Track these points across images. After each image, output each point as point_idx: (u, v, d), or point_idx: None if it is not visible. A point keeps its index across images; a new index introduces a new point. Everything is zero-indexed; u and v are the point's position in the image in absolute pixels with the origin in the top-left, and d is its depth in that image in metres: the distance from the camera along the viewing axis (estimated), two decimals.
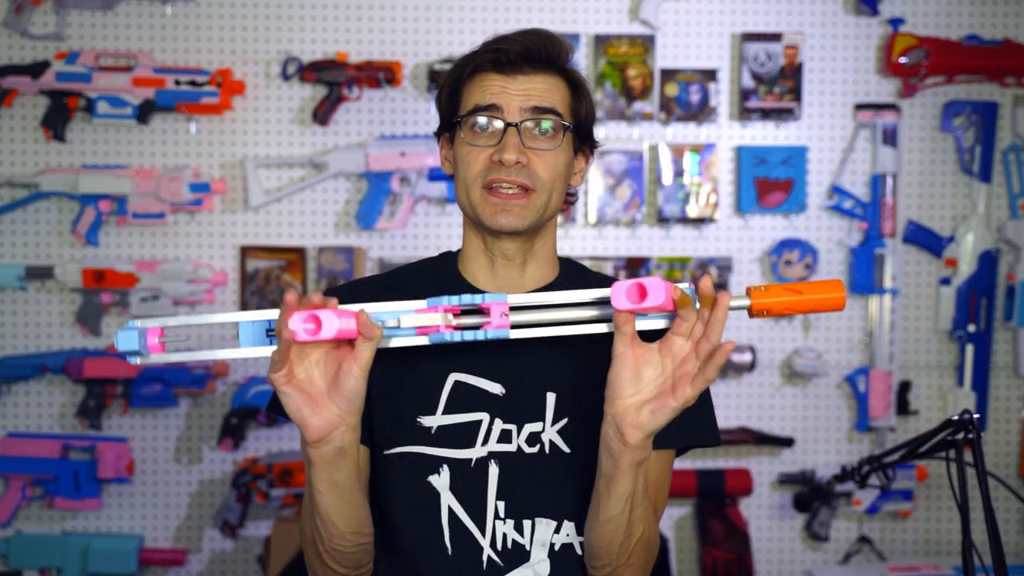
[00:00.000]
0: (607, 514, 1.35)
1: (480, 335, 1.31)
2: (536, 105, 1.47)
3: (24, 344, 3.00)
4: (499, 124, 1.47)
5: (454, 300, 1.32)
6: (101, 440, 2.96)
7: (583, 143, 1.56)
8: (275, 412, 1.55)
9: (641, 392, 1.28)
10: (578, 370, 1.46)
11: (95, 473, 2.94)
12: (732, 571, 2.97)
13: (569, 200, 1.60)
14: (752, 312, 1.29)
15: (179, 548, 3.02)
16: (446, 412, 1.49)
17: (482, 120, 1.48)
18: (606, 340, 1.32)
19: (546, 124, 1.48)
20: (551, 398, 1.50)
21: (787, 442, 3.06)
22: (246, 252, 3.00)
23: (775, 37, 3.03)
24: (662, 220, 3.03)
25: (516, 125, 1.47)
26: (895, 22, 3.02)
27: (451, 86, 1.53)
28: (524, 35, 1.50)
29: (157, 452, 3.03)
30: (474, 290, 1.53)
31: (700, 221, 3.04)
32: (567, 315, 1.33)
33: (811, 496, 3.00)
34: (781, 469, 3.09)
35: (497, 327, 1.32)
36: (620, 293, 1.25)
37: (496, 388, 1.50)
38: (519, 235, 1.50)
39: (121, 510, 3.04)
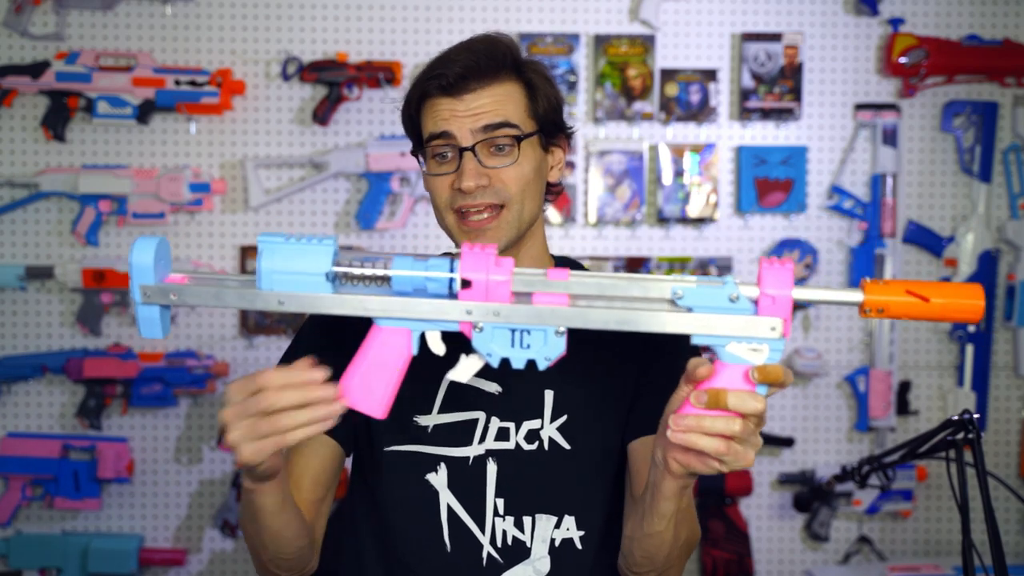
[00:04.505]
0: (651, 528, 1.32)
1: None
2: (486, 123, 1.45)
3: (24, 344, 3.00)
4: (454, 151, 1.46)
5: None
6: (101, 440, 2.96)
7: (553, 137, 1.54)
8: None
9: None
10: (575, 367, 1.46)
11: (95, 473, 2.93)
12: (732, 571, 2.97)
13: (553, 193, 1.59)
14: (864, 310, 1.14)
15: (179, 548, 3.02)
16: (442, 411, 1.49)
17: (437, 149, 1.48)
18: (605, 336, 1.32)
19: (501, 141, 1.46)
20: (549, 395, 1.50)
21: (787, 442, 3.06)
22: (246, 252, 3.00)
23: (775, 37, 3.03)
24: (662, 220, 3.03)
25: (471, 149, 1.45)
26: (895, 22, 3.02)
27: (407, 112, 1.53)
28: (463, 51, 1.48)
29: (157, 452, 3.03)
30: None
31: (700, 221, 3.04)
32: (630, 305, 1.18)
33: (811, 496, 3.00)
34: (781, 469, 3.09)
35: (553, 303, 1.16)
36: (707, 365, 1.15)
37: (492, 387, 1.50)
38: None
39: (121, 510, 3.04)
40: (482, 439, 1.48)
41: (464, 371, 1.19)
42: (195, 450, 3.03)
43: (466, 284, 1.14)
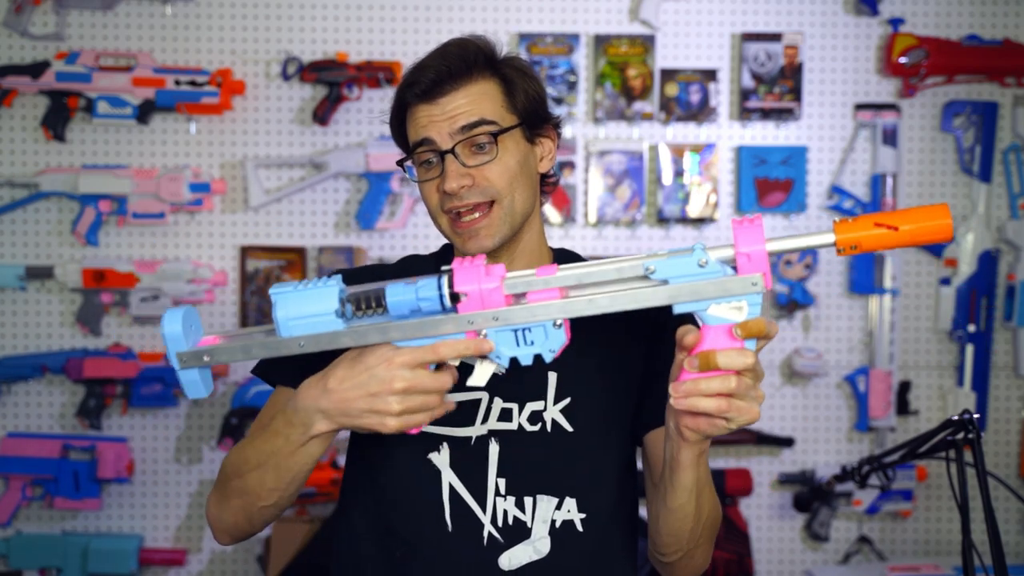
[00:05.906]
0: (674, 503, 1.36)
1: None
2: (463, 124, 1.47)
3: (24, 344, 3.00)
4: (437, 156, 1.49)
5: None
6: (101, 440, 2.96)
7: (537, 127, 1.55)
8: (275, 379, 1.55)
9: None
10: (579, 349, 1.46)
11: (95, 473, 2.94)
12: (732, 571, 2.97)
13: (550, 184, 1.60)
14: (839, 249, 1.19)
15: (179, 548, 3.02)
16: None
17: (423, 156, 1.51)
18: (611, 320, 1.32)
19: (479, 139, 1.48)
20: (552, 377, 1.51)
21: (787, 442, 3.06)
22: (246, 252, 3.00)
23: (775, 37, 3.03)
24: (662, 220, 3.03)
25: (451, 151, 1.47)
26: (895, 22, 3.03)
27: (393, 124, 1.56)
28: (436, 57, 1.50)
29: (157, 452, 3.03)
30: None
31: (700, 221, 3.04)
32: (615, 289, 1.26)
33: (811, 496, 3.00)
34: (781, 469, 3.09)
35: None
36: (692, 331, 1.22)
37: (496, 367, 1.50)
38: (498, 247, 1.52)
39: (121, 510, 3.04)
40: (485, 419, 1.49)
41: (481, 376, 1.30)
42: (195, 450, 3.03)
43: (457, 298, 1.25)
